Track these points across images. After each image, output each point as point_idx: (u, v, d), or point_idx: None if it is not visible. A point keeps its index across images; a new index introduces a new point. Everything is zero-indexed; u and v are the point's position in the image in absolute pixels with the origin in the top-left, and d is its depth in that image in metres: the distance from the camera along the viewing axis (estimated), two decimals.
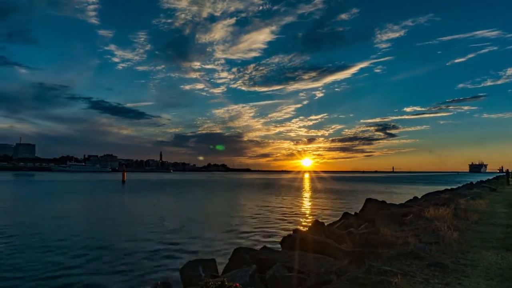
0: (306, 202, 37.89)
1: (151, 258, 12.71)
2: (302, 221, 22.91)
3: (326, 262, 6.48)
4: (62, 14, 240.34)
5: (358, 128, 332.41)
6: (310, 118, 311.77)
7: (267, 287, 6.01)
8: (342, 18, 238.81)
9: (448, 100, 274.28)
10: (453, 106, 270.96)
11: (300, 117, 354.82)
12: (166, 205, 33.26)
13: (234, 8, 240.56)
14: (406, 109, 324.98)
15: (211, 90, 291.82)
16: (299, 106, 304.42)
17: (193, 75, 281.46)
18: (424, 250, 6.35)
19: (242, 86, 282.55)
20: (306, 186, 76.94)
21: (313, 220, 15.74)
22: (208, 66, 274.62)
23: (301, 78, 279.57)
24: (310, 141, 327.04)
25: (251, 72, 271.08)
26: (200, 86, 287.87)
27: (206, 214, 26.33)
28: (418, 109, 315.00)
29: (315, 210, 29.23)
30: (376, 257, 6.02)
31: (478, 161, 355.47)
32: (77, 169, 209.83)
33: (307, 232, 10.61)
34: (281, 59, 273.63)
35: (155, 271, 11.09)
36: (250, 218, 23.50)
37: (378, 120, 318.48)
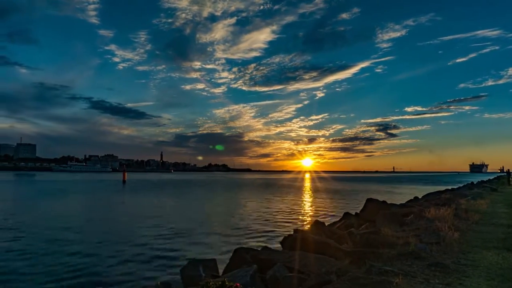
0: (307, 202, 37.90)
1: (152, 258, 12.72)
2: (302, 221, 22.92)
3: (326, 262, 6.48)
4: (63, 14, 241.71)
5: (359, 128, 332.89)
6: (310, 118, 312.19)
7: (268, 287, 6.01)
8: (343, 17, 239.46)
9: (449, 100, 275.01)
10: (454, 106, 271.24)
11: (300, 117, 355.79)
12: (167, 205, 33.28)
13: (235, 7, 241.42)
14: (407, 109, 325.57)
15: (212, 90, 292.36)
16: (300, 106, 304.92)
17: (193, 75, 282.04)
18: (425, 250, 6.34)
19: (243, 86, 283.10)
20: (307, 186, 76.93)
21: (313, 220, 15.73)
22: (208, 66, 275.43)
23: (301, 78, 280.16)
24: (310, 141, 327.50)
25: (252, 72, 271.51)
26: (200, 86, 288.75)
27: (207, 214, 26.35)
28: (419, 109, 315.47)
29: (316, 210, 29.24)
30: (377, 257, 6.02)
31: (479, 161, 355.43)
32: (78, 169, 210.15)
33: (308, 232, 10.60)
34: (281, 59, 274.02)
35: (156, 271, 11.11)
36: (250, 218, 23.51)
37: (379, 120, 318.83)
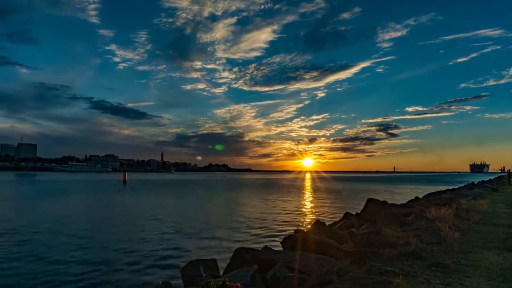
0: (307, 202, 37.88)
1: (152, 258, 12.73)
2: (303, 221, 22.91)
3: (327, 262, 6.47)
4: (63, 14, 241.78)
5: (360, 128, 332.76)
6: (311, 118, 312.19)
7: (269, 287, 6.01)
8: (344, 17, 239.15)
9: (450, 100, 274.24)
10: (455, 106, 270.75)
11: (301, 117, 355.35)
12: (167, 205, 33.29)
13: (236, 7, 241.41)
14: (408, 109, 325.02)
15: (212, 90, 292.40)
16: (301, 106, 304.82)
17: (194, 75, 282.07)
18: (425, 250, 6.34)
19: (243, 86, 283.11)
20: (307, 186, 76.91)
21: (314, 220, 15.73)
22: (209, 66, 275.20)
23: (302, 78, 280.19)
24: (311, 141, 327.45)
25: (253, 71, 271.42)
26: (201, 86, 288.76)
27: (207, 214, 26.35)
28: (420, 109, 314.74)
29: (316, 210, 29.23)
30: (377, 257, 6.02)
31: (479, 161, 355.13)
32: (78, 169, 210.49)
33: (308, 232, 10.60)
34: (282, 59, 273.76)
35: (156, 271, 11.11)
36: (251, 218, 23.51)
37: (379, 120, 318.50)
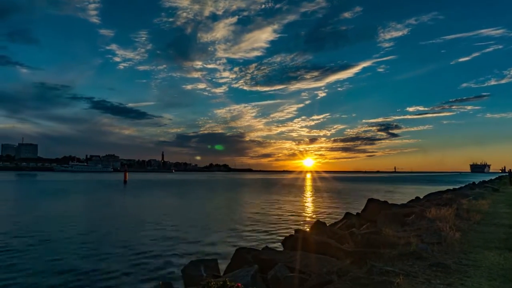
0: (308, 202, 37.88)
1: (153, 258, 12.73)
2: (303, 221, 22.91)
3: (328, 262, 6.47)
4: (63, 14, 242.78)
5: (360, 128, 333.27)
6: (312, 118, 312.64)
7: (269, 287, 6.02)
8: (345, 16, 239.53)
9: (451, 99, 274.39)
10: (456, 106, 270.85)
11: (302, 117, 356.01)
12: (168, 205, 33.31)
13: (236, 6, 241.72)
14: (408, 109, 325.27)
15: (213, 89, 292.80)
16: (301, 106, 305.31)
17: (194, 75, 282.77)
18: (426, 250, 6.34)
19: (244, 86, 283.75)
20: (308, 186, 76.89)
21: (315, 220, 15.73)
22: (209, 66, 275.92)
23: (303, 78, 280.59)
24: (312, 141, 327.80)
25: (253, 71, 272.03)
26: (201, 85, 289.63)
27: (208, 214, 26.35)
28: (421, 109, 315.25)
29: (317, 210, 29.23)
30: (378, 257, 6.02)
31: (480, 161, 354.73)
32: (79, 169, 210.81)
33: (309, 232, 10.61)
34: (283, 59, 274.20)
35: (157, 271, 11.11)
36: (251, 218, 23.51)
37: (380, 120, 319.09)
